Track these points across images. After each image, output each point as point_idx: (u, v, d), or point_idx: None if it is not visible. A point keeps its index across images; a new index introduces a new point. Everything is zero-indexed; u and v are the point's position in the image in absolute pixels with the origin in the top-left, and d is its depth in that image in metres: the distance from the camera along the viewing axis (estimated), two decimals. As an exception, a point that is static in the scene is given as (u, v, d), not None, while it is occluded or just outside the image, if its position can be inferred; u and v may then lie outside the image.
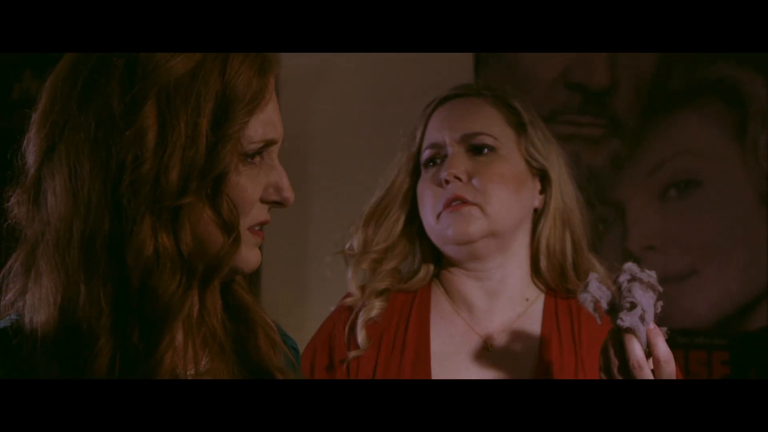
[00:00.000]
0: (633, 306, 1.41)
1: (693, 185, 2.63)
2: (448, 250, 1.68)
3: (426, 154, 1.69)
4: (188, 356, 1.10)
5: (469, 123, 1.67)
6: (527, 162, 1.69)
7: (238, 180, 1.09)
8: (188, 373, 1.11)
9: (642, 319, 1.41)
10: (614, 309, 1.43)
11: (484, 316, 1.68)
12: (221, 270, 1.10)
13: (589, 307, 1.44)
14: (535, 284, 1.72)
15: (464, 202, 1.63)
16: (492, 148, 1.66)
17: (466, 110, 1.70)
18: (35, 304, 1.06)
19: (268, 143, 1.13)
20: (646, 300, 1.42)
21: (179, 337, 1.09)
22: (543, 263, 1.69)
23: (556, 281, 1.70)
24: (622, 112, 2.70)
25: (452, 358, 1.65)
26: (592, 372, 1.60)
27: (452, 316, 1.69)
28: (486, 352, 1.65)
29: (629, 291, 1.42)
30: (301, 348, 1.33)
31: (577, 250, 1.70)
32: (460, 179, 1.64)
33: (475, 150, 1.66)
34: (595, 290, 1.44)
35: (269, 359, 1.17)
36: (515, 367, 1.64)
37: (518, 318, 1.68)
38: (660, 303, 1.44)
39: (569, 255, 1.70)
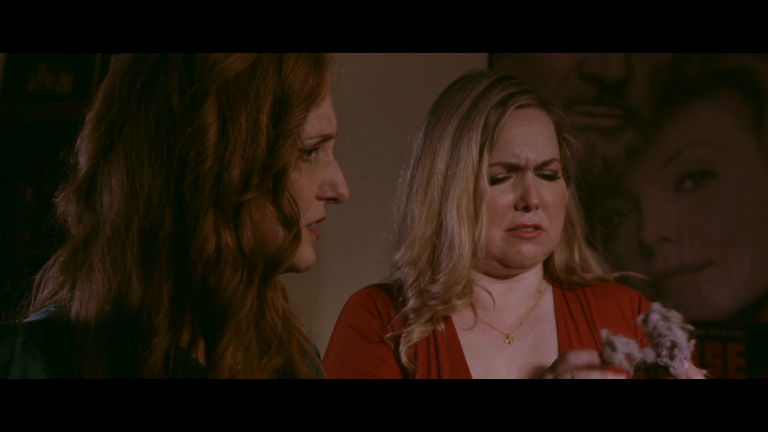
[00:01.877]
0: (674, 345, 1.40)
1: (709, 176, 2.62)
2: (494, 263, 1.68)
3: (498, 171, 1.64)
4: (250, 353, 1.10)
5: (542, 148, 1.65)
6: (562, 173, 1.70)
7: (297, 177, 1.10)
8: (249, 369, 1.11)
9: (683, 360, 1.41)
10: (646, 360, 1.43)
11: (500, 312, 1.70)
12: (282, 266, 1.11)
13: (624, 364, 1.44)
14: (543, 277, 1.75)
15: (537, 228, 1.64)
16: (558, 175, 1.67)
17: (543, 131, 1.66)
18: (85, 299, 1.06)
19: (325, 138, 1.14)
20: (683, 339, 1.41)
21: (240, 333, 1.10)
22: (557, 261, 1.73)
23: (564, 276, 1.73)
24: (637, 102, 2.69)
25: (481, 351, 1.67)
26: None
27: (470, 314, 1.70)
28: (508, 345, 1.67)
29: (669, 329, 1.41)
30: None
31: (581, 246, 1.73)
32: (538, 208, 1.64)
33: (545, 176, 1.66)
34: (623, 346, 1.44)
35: (299, 368, 1.18)
36: (539, 355, 1.67)
37: (531, 310, 1.71)
38: (693, 342, 1.43)
39: (576, 252, 1.73)
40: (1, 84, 3.20)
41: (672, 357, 1.40)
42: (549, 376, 1.49)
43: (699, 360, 2.55)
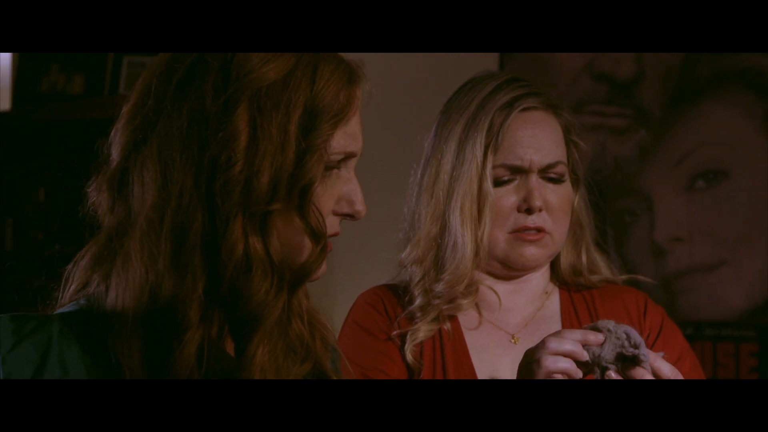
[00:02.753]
0: (629, 336, 1.42)
1: (720, 176, 2.61)
2: (497, 264, 1.68)
3: (502, 173, 1.65)
4: (278, 357, 1.12)
5: (547, 151, 1.65)
6: (570, 176, 1.70)
7: (321, 192, 1.12)
8: (278, 371, 1.12)
9: (646, 349, 1.43)
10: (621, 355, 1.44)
11: (506, 313, 1.71)
12: (308, 278, 1.13)
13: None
14: (551, 279, 1.75)
15: (540, 231, 1.64)
16: (564, 178, 1.67)
17: (548, 134, 1.66)
18: (122, 288, 1.08)
19: (349, 156, 1.15)
20: (634, 330, 1.44)
21: (270, 338, 1.11)
22: (563, 263, 1.73)
23: (571, 278, 1.73)
24: (648, 102, 2.69)
25: (486, 351, 1.67)
26: None
27: (474, 314, 1.70)
28: (514, 345, 1.67)
29: (616, 325, 1.43)
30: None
31: (590, 248, 1.74)
32: (541, 210, 1.64)
33: (550, 179, 1.66)
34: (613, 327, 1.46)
35: (324, 364, 1.20)
36: None
37: (538, 311, 1.72)
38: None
39: (584, 254, 1.73)
40: (13, 84, 3.22)
41: (635, 346, 1.41)
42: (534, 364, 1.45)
43: (711, 360, 2.54)
